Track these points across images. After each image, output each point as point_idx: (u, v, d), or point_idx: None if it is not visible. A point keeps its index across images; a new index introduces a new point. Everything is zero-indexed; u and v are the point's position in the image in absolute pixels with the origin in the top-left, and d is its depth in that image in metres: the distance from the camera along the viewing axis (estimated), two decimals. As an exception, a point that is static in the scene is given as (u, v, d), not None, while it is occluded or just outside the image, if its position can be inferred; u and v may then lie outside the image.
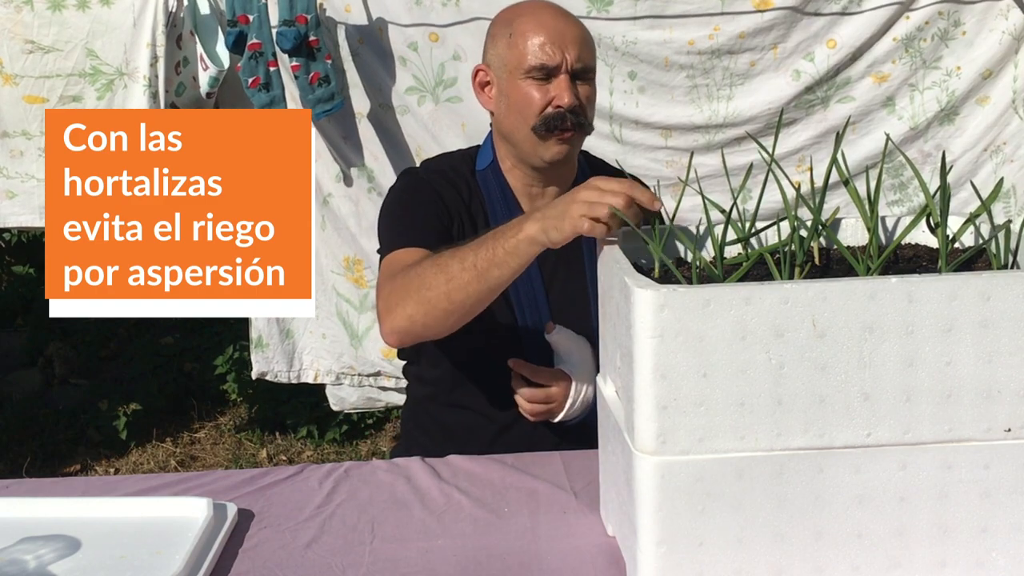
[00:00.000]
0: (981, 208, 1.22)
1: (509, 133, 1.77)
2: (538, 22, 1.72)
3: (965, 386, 1.10)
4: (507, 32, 1.75)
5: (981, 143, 2.76)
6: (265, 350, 3.03)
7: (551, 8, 1.77)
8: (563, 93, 1.70)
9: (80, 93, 2.71)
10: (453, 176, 1.82)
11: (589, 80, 1.75)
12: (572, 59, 1.71)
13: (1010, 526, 1.14)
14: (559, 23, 1.73)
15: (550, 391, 1.70)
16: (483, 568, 1.30)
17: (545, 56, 1.70)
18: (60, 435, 3.73)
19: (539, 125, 1.71)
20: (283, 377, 3.08)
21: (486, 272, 1.48)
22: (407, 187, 1.82)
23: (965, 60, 2.69)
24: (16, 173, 2.76)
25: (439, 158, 1.95)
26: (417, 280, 1.55)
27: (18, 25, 2.65)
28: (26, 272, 4.80)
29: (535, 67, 1.70)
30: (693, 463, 1.10)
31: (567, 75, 1.71)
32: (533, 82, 1.71)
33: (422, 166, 1.90)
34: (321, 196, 2.88)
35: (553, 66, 1.70)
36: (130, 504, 1.45)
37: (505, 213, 1.78)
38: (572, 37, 1.72)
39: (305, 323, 3.02)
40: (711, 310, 1.07)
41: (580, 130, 1.73)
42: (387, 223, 1.80)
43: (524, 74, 1.72)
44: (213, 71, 2.67)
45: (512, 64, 1.73)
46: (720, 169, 2.68)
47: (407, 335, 1.59)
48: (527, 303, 1.77)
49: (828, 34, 2.68)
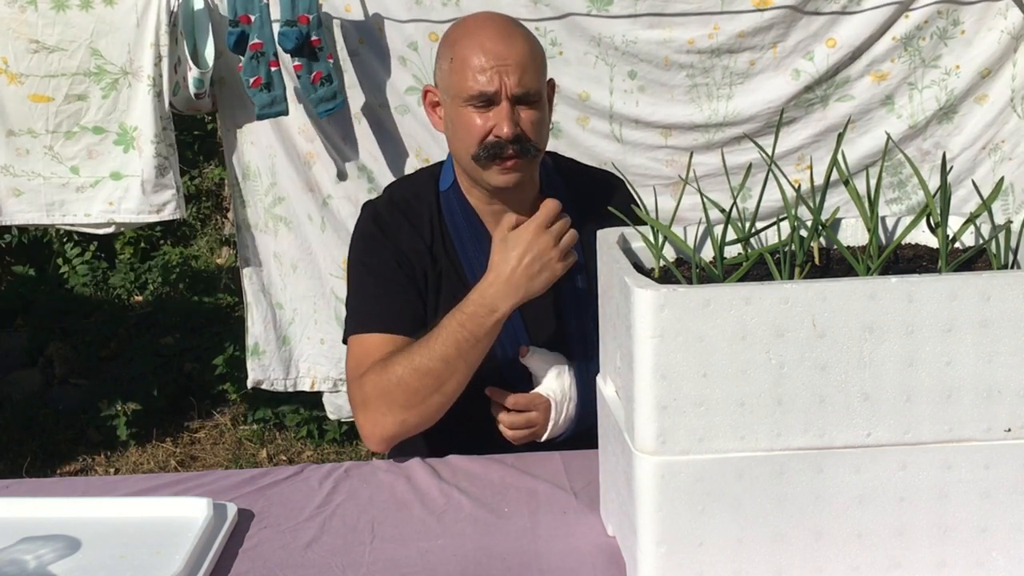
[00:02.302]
0: (981, 208, 1.22)
1: (457, 157, 1.75)
2: (478, 45, 1.64)
3: (965, 386, 1.10)
4: (449, 55, 1.69)
5: (979, 141, 2.76)
6: (261, 357, 3.02)
7: (495, 27, 1.68)
8: (502, 123, 1.63)
9: (85, 92, 2.72)
10: (415, 204, 1.80)
11: (535, 104, 1.67)
12: (512, 85, 1.63)
13: (1010, 526, 1.14)
14: (500, 45, 1.64)
15: (530, 416, 1.69)
16: (483, 568, 1.30)
17: (483, 83, 1.63)
18: (60, 435, 3.73)
19: (479, 154, 1.67)
20: (279, 385, 3.06)
21: (469, 354, 1.59)
22: (367, 243, 1.79)
23: (964, 59, 2.69)
24: (22, 171, 2.77)
25: (402, 183, 1.91)
26: (401, 390, 1.60)
27: (22, 25, 2.66)
28: (26, 272, 4.80)
29: (474, 96, 1.64)
30: (693, 463, 1.10)
31: (508, 102, 1.64)
32: (474, 109, 1.66)
33: (383, 196, 1.87)
34: (320, 197, 2.87)
35: (492, 92, 1.64)
36: (130, 504, 1.45)
37: (470, 234, 1.78)
38: (514, 60, 1.63)
39: (303, 330, 3.00)
40: (711, 310, 1.07)
41: (524, 156, 1.67)
42: (354, 288, 1.79)
43: (464, 101, 1.66)
44: (196, 72, 2.67)
45: (453, 90, 1.68)
46: (720, 168, 2.68)
47: (398, 439, 1.66)
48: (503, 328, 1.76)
49: (827, 33, 2.68)
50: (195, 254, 5.37)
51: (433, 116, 1.79)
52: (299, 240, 2.93)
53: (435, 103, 1.77)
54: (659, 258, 1.25)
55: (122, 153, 2.78)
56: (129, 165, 2.77)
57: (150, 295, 4.87)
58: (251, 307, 3.01)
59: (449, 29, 1.75)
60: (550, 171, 1.86)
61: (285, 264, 2.96)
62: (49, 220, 2.84)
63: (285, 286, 2.98)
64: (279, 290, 3.00)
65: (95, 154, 2.78)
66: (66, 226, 2.89)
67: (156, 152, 2.75)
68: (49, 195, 2.80)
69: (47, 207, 2.81)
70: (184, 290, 4.89)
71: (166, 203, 2.82)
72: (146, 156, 2.75)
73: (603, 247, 1.30)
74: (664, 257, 1.25)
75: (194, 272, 5.09)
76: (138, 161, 2.76)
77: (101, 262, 4.94)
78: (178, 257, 5.10)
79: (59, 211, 2.82)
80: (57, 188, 2.79)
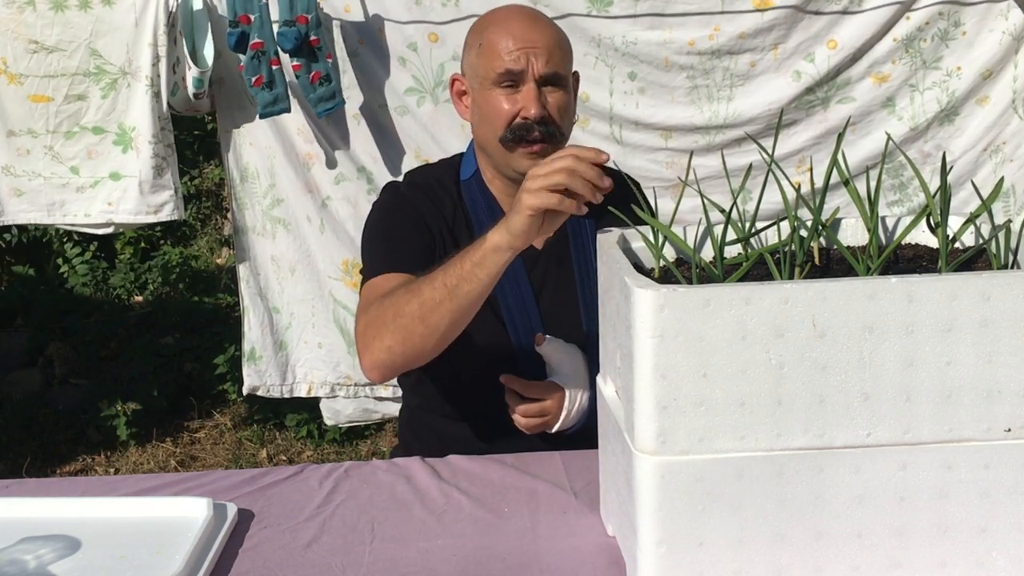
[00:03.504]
0: (981, 208, 1.22)
1: (483, 144, 1.76)
2: (506, 30, 1.69)
3: (965, 386, 1.10)
4: (478, 41, 1.73)
5: (981, 143, 2.76)
6: (258, 363, 3.00)
7: (523, 14, 1.75)
8: (530, 103, 1.66)
9: (85, 92, 2.72)
10: (437, 189, 1.81)
11: (561, 87, 1.71)
12: (540, 66, 1.67)
13: (1010, 526, 1.14)
14: (528, 30, 1.69)
15: (544, 404, 1.68)
16: (483, 568, 1.30)
17: (511, 63, 1.67)
18: (60, 435, 3.73)
19: (506, 136, 1.68)
20: (276, 391, 3.03)
21: (456, 288, 1.47)
22: (387, 206, 1.80)
23: (965, 60, 2.69)
24: (23, 171, 2.77)
25: (423, 170, 1.92)
26: (392, 309, 1.54)
27: (20, 25, 2.66)
28: (26, 272, 4.80)
29: (501, 74, 1.68)
30: (693, 463, 1.10)
31: (535, 83, 1.67)
32: (502, 91, 1.69)
33: (404, 179, 1.88)
34: (320, 199, 2.86)
35: (519, 71, 1.67)
36: (130, 504, 1.45)
37: (491, 224, 1.76)
38: (542, 43, 1.68)
39: (300, 334, 2.98)
40: (711, 310, 1.07)
41: (551, 141, 1.68)
42: (368, 246, 1.79)
43: (493, 83, 1.69)
44: (196, 72, 2.67)
45: (482, 73, 1.71)
46: (720, 171, 2.68)
47: (388, 368, 1.58)
48: (518, 315, 1.76)
49: (828, 35, 2.68)
50: (195, 254, 5.37)
51: (459, 105, 1.81)
52: (298, 242, 2.92)
53: (462, 92, 1.80)
54: (659, 258, 1.25)
55: (121, 153, 2.78)
56: (127, 166, 2.77)
57: (150, 295, 4.87)
58: (248, 311, 2.99)
59: (476, 20, 1.79)
60: None
61: (283, 267, 2.95)
62: (50, 220, 2.84)
63: (282, 290, 2.97)
64: (276, 294, 2.98)
65: (95, 154, 2.78)
66: (66, 226, 2.89)
67: (154, 152, 2.74)
68: (50, 195, 2.80)
69: (48, 207, 2.81)
70: (184, 290, 4.89)
71: (164, 204, 2.82)
72: (144, 156, 2.75)
73: (603, 247, 1.30)
74: (664, 257, 1.25)
75: (194, 272, 5.09)
76: (136, 161, 2.76)
77: (101, 262, 4.94)
78: (178, 257, 5.10)
79: (60, 211, 2.82)
80: (58, 188, 2.79)
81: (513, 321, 1.76)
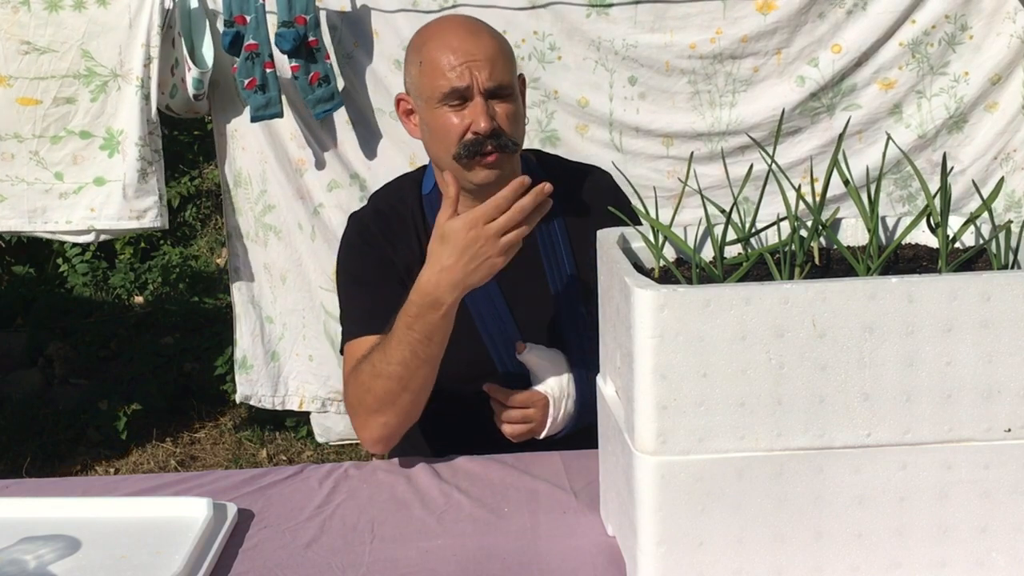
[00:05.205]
0: (981, 208, 1.22)
1: (437, 161, 1.74)
2: (446, 44, 1.65)
3: (965, 386, 1.10)
4: (418, 59, 1.69)
5: (991, 151, 2.71)
6: (250, 372, 2.98)
7: (460, 26, 1.70)
8: (479, 118, 1.63)
9: (74, 95, 2.69)
10: (402, 211, 1.80)
11: (508, 97, 1.67)
12: (484, 79, 1.63)
13: (1010, 526, 1.14)
14: (467, 42, 1.65)
15: (528, 412, 1.68)
16: (483, 568, 1.30)
17: (455, 79, 1.63)
18: (60, 435, 3.72)
19: (460, 152, 1.66)
20: (267, 403, 3.01)
21: (425, 352, 1.56)
22: (354, 248, 1.79)
23: (973, 65, 2.65)
24: (6, 176, 2.73)
25: (386, 191, 1.90)
26: (371, 396, 1.61)
27: (14, 26, 2.63)
28: (26, 272, 4.80)
29: (447, 93, 1.64)
30: (693, 463, 1.10)
31: (481, 97, 1.64)
32: (450, 109, 1.65)
33: (369, 206, 1.86)
34: (312, 206, 2.83)
35: (464, 87, 1.63)
36: (130, 504, 1.45)
37: None
38: (483, 55, 1.64)
39: (292, 345, 2.95)
40: (711, 310, 1.07)
41: (504, 151, 1.67)
42: (342, 296, 1.80)
43: (439, 102, 1.65)
44: (196, 72, 2.65)
45: (427, 92, 1.67)
46: (723, 180, 2.65)
47: (389, 440, 1.67)
48: (493, 327, 1.75)
49: (833, 38, 2.64)
50: (195, 254, 5.36)
51: (408, 124, 1.78)
52: (289, 250, 2.87)
53: (409, 111, 1.77)
54: (659, 258, 1.25)
55: (107, 158, 2.73)
56: (113, 170, 2.72)
57: (150, 295, 4.87)
58: (240, 319, 2.97)
59: (414, 35, 1.75)
60: (534, 168, 1.85)
61: (275, 275, 2.91)
62: (31, 227, 2.78)
63: (275, 299, 2.93)
64: (269, 303, 2.94)
65: (80, 159, 2.72)
66: (47, 234, 2.81)
67: (140, 155, 2.70)
68: (32, 201, 2.74)
69: (29, 213, 2.76)
70: (184, 290, 4.88)
71: (147, 210, 2.76)
72: (130, 159, 2.70)
73: (603, 247, 1.30)
74: (664, 257, 1.25)
75: (194, 272, 5.09)
76: (121, 165, 2.71)
77: (101, 262, 4.94)
78: (178, 257, 5.10)
79: (41, 218, 2.76)
80: (40, 194, 2.74)
81: (490, 333, 1.76)
